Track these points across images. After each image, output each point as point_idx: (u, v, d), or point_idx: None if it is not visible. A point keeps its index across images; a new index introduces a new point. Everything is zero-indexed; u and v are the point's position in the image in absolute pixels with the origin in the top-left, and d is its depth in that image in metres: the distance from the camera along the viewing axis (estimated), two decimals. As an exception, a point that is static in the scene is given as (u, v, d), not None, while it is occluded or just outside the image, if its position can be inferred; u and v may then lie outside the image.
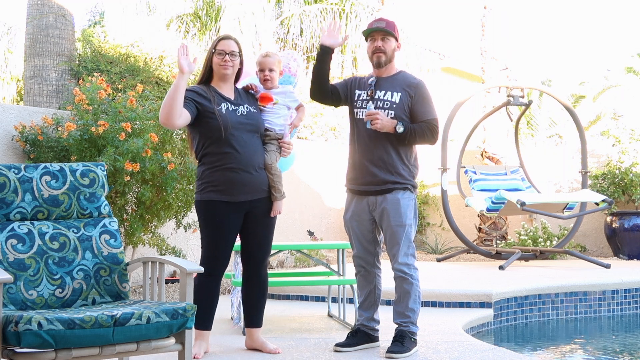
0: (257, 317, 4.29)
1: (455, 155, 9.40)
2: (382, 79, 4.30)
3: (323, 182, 9.64)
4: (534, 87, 10.36)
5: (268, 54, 4.31)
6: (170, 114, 3.83)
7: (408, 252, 4.24)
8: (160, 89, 8.69)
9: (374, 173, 4.23)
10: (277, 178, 4.13)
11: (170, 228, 6.86)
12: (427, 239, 10.84)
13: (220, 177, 4.00)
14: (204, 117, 3.99)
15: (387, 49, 4.26)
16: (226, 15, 13.92)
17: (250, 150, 4.04)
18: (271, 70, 4.25)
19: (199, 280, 4.07)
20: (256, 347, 4.26)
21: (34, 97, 8.83)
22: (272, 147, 4.17)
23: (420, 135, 4.23)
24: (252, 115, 4.12)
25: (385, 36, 4.25)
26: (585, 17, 43.25)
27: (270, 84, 4.27)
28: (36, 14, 8.86)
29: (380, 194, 4.25)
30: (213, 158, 4.02)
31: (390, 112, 4.21)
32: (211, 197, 4.02)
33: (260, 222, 4.16)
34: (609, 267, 7.82)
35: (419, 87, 4.28)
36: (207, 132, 4.01)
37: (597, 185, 9.58)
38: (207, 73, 4.13)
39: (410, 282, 4.24)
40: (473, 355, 4.19)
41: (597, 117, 17.21)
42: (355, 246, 4.40)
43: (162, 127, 5.79)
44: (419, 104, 4.26)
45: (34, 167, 3.57)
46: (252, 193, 4.06)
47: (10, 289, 3.31)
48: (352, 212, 4.36)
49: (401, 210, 4.22)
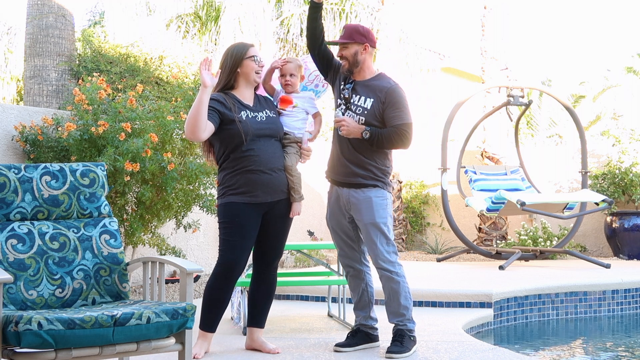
0: (260, 317, 4.30)
1: (455, 155, 9.40)
2: (358, 83, 4.33)
3: (323, 182, 9.62)
4: (534, 87, 10.36)
5: (290, 59, 4.36)
6: (196, 127, 3.89)
7: (388, 249, 4.26)
8: (160, 89, 8.69)
9: (346, 165, 4.29)
10: (296, 180, 4.18)
11: (170, 228, 6.86)
12: (427, 239, 10.84)
13: (241, 179, 4.05)
14: (224, 125, 4.04)
15: (348, 54, 4.29)
16: (226, 15, 13.92)
17: (269, 153, 4.09)
18: (292, 75, 4.31)
19: (213, 282, 4.12)
20: (255, 347, 4.27)
21: (34, 97, 8.83)
22: (292, 149, 4.22)
23: (388, 140, 4.23)
24: (271, 120, 4.17)
25: (343, 45, 4.30)
26: (585, 17, 43.25)
27: (291, 88, 4.33)
28: (36, 14, 8.85)
29: (351, 186, 4.28)
30: (233, 162, 4.07)
31: (361, 118, 4.25)
32: (232, 200, 4.07)
33: (277, 223, 4.21)
34: (609, 267, 7.82)
35: (389, 91, 4.26)
36: (228, 139, 4.06)
37: (597, 185, 9.58)
38: (232, 80, 4.16)
39: (396, 281, 4.25)
40: (473, 355, 4.19)
41: (597, 117, 17.21)
42: (339, 247, 4.47)
43: (162, 127, 5.79)
44: (390, 109, 4.25)
45: (34, 167, 3.57)
46: (272, 194, 4.10)
47: (10, 289, 3.31)
48: (331, 213, 4.44)
49: (374, 207, 4.25)
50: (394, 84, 4.31)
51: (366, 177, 4.26)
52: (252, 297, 4.32)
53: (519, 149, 9.61)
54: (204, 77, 3.88)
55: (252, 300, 4.32)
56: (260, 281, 4.28)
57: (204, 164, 5.99)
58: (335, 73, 4.42)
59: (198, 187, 6.15)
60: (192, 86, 7.02)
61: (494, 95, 10.25)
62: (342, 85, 4.35)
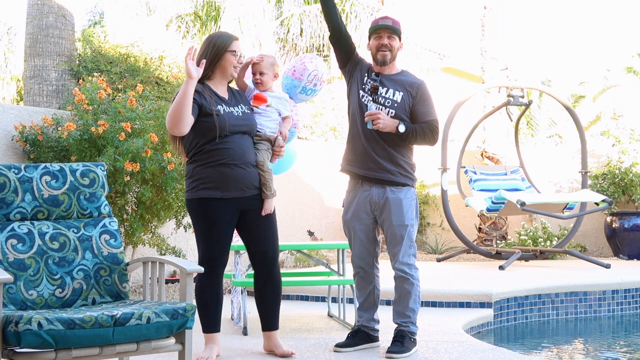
0: (272, 319, 4.20)
1: (455, 155, 9.40)
2: (384, 76, 4.28)
3: (323, 182, 9.64)
4: (534, 87, 10.36)
5: (261, 57, 4.27)
6: (180, 122, 3.79)
7: (409, 252, 4.24)
8: (160, 89, 8.69)
9: (377, 161, 4.21)
10: (268, 175, 4.08)
11: (170, 228, 6.86)
12: (427, 239, 10.84)
13: (213, 172, 3.94)
14: (201, 117, 3.92)
15: (393, 46, 4.26)
16: (226, 15, 13.92)
17: (243, 147, 3.99)
18: (262, 73, 4.22)
19: (200, 283, 4.04)
20: (272, 348, 4.20)
21: (34, 97, 8.83)
22: (263, 146, 4.14)
23: (422, 136, 4.23)
24: (247, 116, 4.08)
25: (391, 34, 4.25)
26: (585, 17, 43.25)
27: (262, 87, 4.23)
28: (36, 14, 8.85)
29: (384, 184, 4.22)
30: (206, 155, 3.96)
31: (390, 111, 4.21)
32: (203, 195, 3.96)
33: (259, 219, 4.09)
34: (609, 267, 7.82)
35: (421, 87, 4.28)
36: (202, 131, 3.94)
37: (597, 185, 9.58)
38: (210, 70, 4.03)
39: (411, 283, 4.24)
40: (473, 355, 4.19)
41: (597, 117, 17.22)
42: (355, 247, 4.37)
43: (162, 127, 5.79)
44: (421, 104, 4.26)
45: (34, 167, 3.57)
46: (245, 189, 4.00)
47: (10, 289, 3.31)
48: (354, 213, 4.34)
49: (403, 210, 4.22)
50: (422, 80, 4.32)
51: (397, 173, 4.22)
52: (260, 300, 4.21)
53: (519, 149, 9.61)
54: (189, 68, 3.75)
55: (261, 304, 4.20)
56: (264, 283, 4.18)
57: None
58: (355, 64, 4.34)
59: (198, 187, 6.14)
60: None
61: (494, 95, 10.25)
62: (366, 77, 4.29)
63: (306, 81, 4.71)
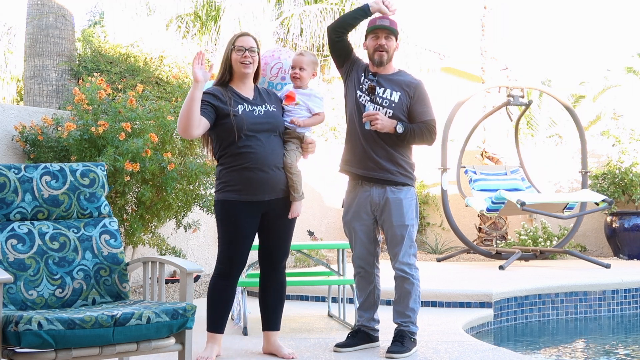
0: (274, 320, 4.20)
1: (455, 155, 9.40)
2: (381, 76, 4.28)
3: (323, 182, 9.64)
4: (534, 87, 10.36)
5: (303, 53, 4.28)
6: (189, 125, 3.81)
7: (410, 251, 4.24)
8: (160, 89, 8.69)
9: (377, 160, 4.22)
10: (296, 178, 4.04)
11: (170, 228, 6.86)
12: (427, 239, 10.84)
13: (237, 176, 3.94)
14: (220, 120, 3.94)
15: (390, 47, 4.26)
16: (226, 15, 13.91)
17: (267, 149, 3.96)
18: (302, 69, 4.22)
19: (214, 282, 4.05)
20: (272, 351, 4.19)
21: (34, 97, 8.83)
22: (292, 146, 4.10)
23: (419, 136, 4.23)
24: (271, 115, 4.04)
25: (389, 35, 4.25)
26: (585, 17, 43.25)
27: (299, 82, 4.23)
28: (36, 14, 8.85)
29: (384, 184, 4.22)
30: (230, 159, 3.97)
31: (388, 111, 4.21)
32: (228, 197, 3.97)
33: (279, 222, 4.09)
34: (609, 267, 7.82)
35: (418, 87, 4.28)
36: (222, 134, 3.96)
37: (597, 185, 9.58)
38: (226, 73, 4.05)
39: (411, 282, 4.24)
40: (473, 355, 4.19)
41: (597, 117, 17.22)
42: (356, 247, 4.37)
43: (162, 127, 5.79)
44: (418, 104, 4.25)
45: (34, 167, 3.57)
46: (269, 192, 3.98)
47: (10, 289, 3.31)
48: (354, 213, 4.34)
49: (404, 210, 4.22)
50: (419, 80, 4.32)
51: (397, 173, 4.23)
52: (263, 300, 4.20)
53: (519, 149, 9.61)
54: (195, 72, 3.77)
55: (264, 303, 4.20)
56: (269, 283, 4.18)
57: (204, 164, 5.99)
58: (352, 64, 4.35)
59: (198, 187, 6.15)
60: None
61: (494, 95, 10.25)
62: (363, 77, 4.29)
63: (270, 75, 4.44)
